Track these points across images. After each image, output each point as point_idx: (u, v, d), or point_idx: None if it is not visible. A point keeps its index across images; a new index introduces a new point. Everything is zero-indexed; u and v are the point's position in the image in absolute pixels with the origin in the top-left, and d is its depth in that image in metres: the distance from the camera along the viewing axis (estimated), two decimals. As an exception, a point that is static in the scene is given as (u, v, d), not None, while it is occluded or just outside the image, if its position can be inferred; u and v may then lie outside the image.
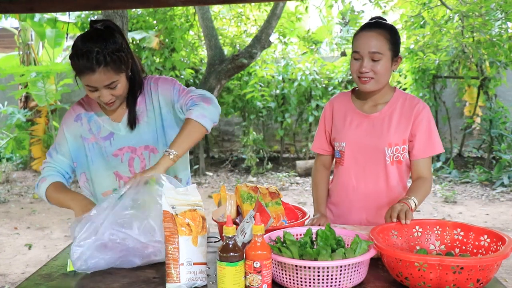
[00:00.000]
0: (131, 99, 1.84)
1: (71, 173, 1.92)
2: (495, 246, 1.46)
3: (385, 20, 1.91)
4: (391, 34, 1.84)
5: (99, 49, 1.63)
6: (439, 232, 1.61)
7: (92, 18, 6.39)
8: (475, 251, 1.52)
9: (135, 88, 1.83)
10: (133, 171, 1.86)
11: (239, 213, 1.81)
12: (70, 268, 1.58)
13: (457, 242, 1.58)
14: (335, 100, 2.04)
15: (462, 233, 1.58)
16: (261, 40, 6.36)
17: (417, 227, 1.62)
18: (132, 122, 1.84)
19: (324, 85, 7.99)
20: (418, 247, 1.60)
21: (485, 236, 1.51)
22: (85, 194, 1.92)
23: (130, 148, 1.86)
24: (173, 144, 1.70)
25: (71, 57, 1.69)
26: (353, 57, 1.86)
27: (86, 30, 2.17)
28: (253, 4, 7.64)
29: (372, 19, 1.93)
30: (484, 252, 1.50)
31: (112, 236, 1.52)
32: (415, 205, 1.74)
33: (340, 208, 2.01)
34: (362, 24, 1.94)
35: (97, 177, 1.88)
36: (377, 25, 1.86)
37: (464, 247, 1.56)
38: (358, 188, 1.94)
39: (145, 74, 1.92)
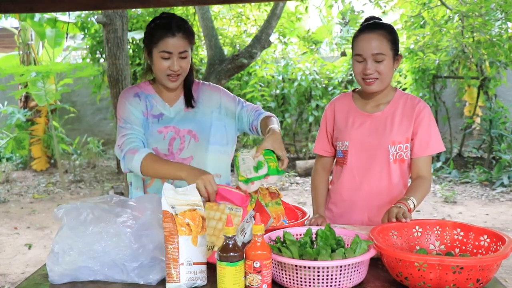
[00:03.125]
0: (188, 81, 2.01)
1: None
2: (495, 246, 1.46)
3: (380, 19, 1.93)
4: (391, 34, 1.86)
5: (177, 21, 1.89)
6: (439, 232, 1.61)
7: (92, 18, 6.40)
8: (475, 251, 1.52)
9: (191, 72, 2.00)
10: (171, 149, 1.96)
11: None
12: None
13: (457, 242, 1.58)
14: (336, 101, 2.04)
15: (462, 233, 1.58)
16: (261, 40, 6.35)
17: (417, 227, 1.63)
18: (189, 101, 2.00)
19: (324, 85, 7.99)
20: (418, 247, 1.60)
21: (485, 236, 1.51)
22: None
23: (174, 128, 1.98)
24: (270, 125, 1.89)
25: (152, 28, 1.89)
26: (356, 59, 1.87)
27: (85, 29, 2.26)
28: (253, 4, 7.63)
29: (367, 19, 1.94)
30: (484, 252, 1.50)
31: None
32: (414, 205, 1.74)
33: (342, 208, 2.01)
34: (361, 25, 1.94)
35: None
36: (376, 26, 1.87)
37: (464, 247, 1.56)
38: (361, 187, 1.94)
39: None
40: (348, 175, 1.96)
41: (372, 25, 1.88)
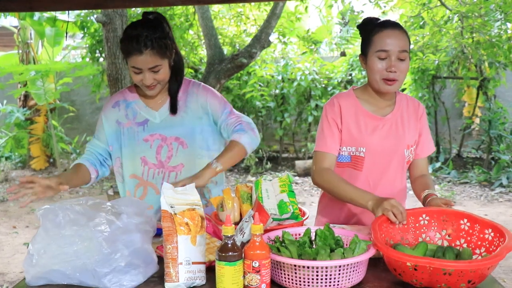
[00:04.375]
0: (173, 87, 1.96)
1: (107, 156, 2.03)
2: (498, 241, 1.46)
3: (379, 19, 1.89)
4: (407, 34, 1.82)
5: (147, 34, 1.78)
6: (445, 221, 1.60)
7: (92, 17, 6.40)
8: (479, 243, 1.52)
9: (177, 78, 1.95)
10: (159, 158, 1.95)
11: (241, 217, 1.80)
12: None
13: (463, 233, 1.57)
14: (341, 101, 1.88)
15: (468, 224, 1.57)
16: (260, 40, 6.35)
17: (423, 215, 1.62)
18: (174, 108, 1.95)
19: (323, 85, 7.99)
20: (420, 239, 1.59)
21: (490, 230, 1.51)
22: (117, 178, 2.04)
23: (161, 136, 1.96)
24: (220, 158, 1.84)
25: (121, 40, 1.84)
26: (378, 56, 1.75)
27: (84, 28, 2.28)
28: (252, 3, 7.63)
29: (369, 19, 1.87)
30: (487, 245, 1.50)
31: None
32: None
33: (351, 213, 1.97)
34: (366, 23, 1.87)
35: (126, 160, 1.98)
36: (395, 24, 1.81)
37: (469, 238, 1.55)
38: (374, 192, 1.78)
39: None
40: (362, 181, 1.86)
41: (391, 23, 1.80)
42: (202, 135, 1.98)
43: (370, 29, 1.82)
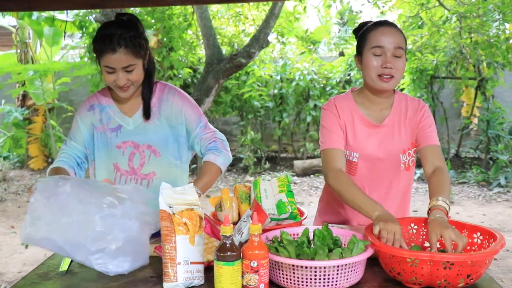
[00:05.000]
0: (146, 91, 1.91)
1: (84, 158, 1.99)
2: (487, 244, 1.49)
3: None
4: (403, 34, 1.82)
5: (121, 33, 1.75)
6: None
7: (91, 17, 6.39)
8: (468, 248, 1.54)
9: (150, 81, 1.91)
10: (131, 165, 1.93)
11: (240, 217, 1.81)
12: (63, 268, 1.58)
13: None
14: (337, 104, 1.87)
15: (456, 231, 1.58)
16: (259, 40, 6.35)
17: (412, 224, 1.64)
18: (147, 114, 1.91)
19: (322, 85, 7.99)
20: (413, 244, 1.61)
21: (478, 234, 1.53)
22: None
23: (133, 143, 1.93)
24: (198, 183, 1.85)
25: (94, 40, 1.80)
26: (373, 52, 1.74)
27: (83, 27, 2.24)
28: (251, 3, 7.63)
29: (364, 23, 1.87)
30: (476, 249, 1.52)
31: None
32: (448, 205, 1.58)
33: (348, 216, 1.97)
34: (361, 25, 1.88)
35: (99, 165, 1.96)
36: (389, 23, 1.81)
37: None
38: (371, 195, 1.76)
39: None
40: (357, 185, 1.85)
41: (387, 21, 1.81)
42: (176, 144, 1.96)
43: (365, 29, 1.82)
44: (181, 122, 1.94)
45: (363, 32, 1.82)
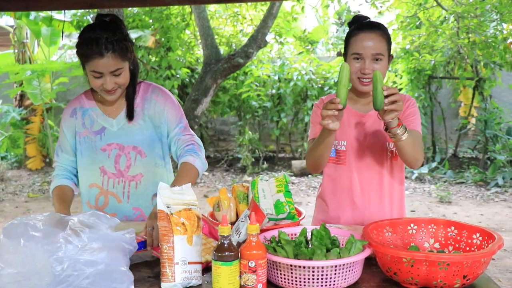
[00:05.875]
0: (130, 92, 1.90)
1: (76, 167, 1.99)
2: (486, 244, 1.48)
3: (369, 18, 1.92)
4: (387, 34, 1.86)
5: (107, 36, 1.72)
6: (433, 230, 1.63)
7: (88, 17, 6.38)
8: (467, 248, 1.54)
9: (134, 82, 1.90)
10: (118, 167, 1.92)
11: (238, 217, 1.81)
12: None
13: (451, 240, 1.60)
14: (326, 100, 1.94)
15: (455, 231, 1.59)
16: (257, 40, 6.36)
17: (411, 225, 1.64)
18: (131, 114, 1.90)
19: (320, 85, 8.00)
20: (412, 244, 1.61)
21: (478, 234, 1.53)
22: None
23: (118, 145, 1.92)
24: (180, 183, 1.77)
25: (78, 45, 1.77)
26: (353, 58, 1.84)
27: (81, 27, 2.20)
28: (249, 3, 7.64)
29: (357, 17, 1.91)
30: (476, 249, 1.52)
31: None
32: (405, 130, 1.66)
33: (339, 210, 1.98)
34: (352, 23, 1.91)
35: (83, 170, 1.95)
36: (374, 25, 1.85)
37: (457, 245, 1.58)
38: (362, 186, 1.92)
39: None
40: (346, 175, 1.93)
41: (370, 25, 1.86)
42: (160, 144, 1.95)
43: (349, 31, 1.89)
44: (163, 121, 1.94)
45: (348, 34, 1.90)
